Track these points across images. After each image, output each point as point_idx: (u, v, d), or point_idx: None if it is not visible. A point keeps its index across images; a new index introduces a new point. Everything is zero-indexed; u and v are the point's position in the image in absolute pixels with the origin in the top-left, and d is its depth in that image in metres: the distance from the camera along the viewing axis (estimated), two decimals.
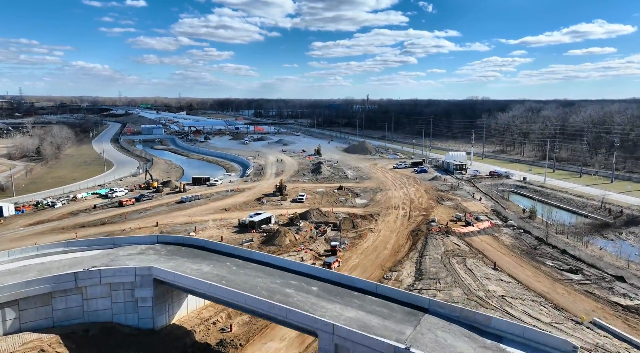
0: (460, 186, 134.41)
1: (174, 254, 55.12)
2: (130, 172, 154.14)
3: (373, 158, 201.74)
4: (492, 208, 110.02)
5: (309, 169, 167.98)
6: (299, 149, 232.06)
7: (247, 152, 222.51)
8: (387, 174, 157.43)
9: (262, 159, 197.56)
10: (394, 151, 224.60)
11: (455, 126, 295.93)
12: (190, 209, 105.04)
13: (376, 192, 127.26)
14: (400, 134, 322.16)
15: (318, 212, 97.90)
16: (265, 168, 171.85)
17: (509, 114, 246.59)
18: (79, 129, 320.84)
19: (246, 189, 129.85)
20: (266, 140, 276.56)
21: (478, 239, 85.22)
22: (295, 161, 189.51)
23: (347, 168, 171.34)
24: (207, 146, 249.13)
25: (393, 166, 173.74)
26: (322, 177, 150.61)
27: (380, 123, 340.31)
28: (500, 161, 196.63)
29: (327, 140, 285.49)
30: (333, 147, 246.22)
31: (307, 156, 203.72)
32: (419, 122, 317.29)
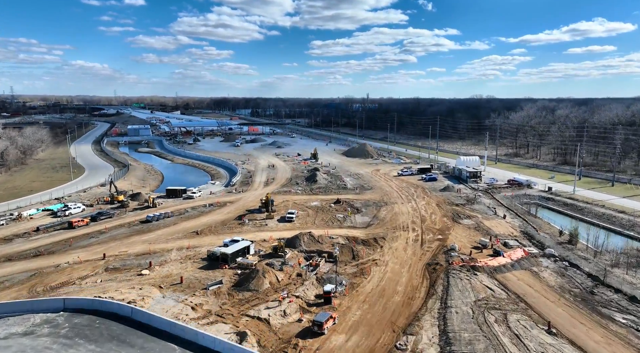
0: (478, 199, 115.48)
1: (78, 335, 36.53)
2: (98, 181, 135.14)
3: (375, 163, 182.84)
4: (520, 228, 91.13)
5: (303, 176, 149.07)
6: (294, 152, 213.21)
7: (237, 156, 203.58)
8: (392, 183, 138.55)
9: (252, 164, 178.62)
10: (397, 155, 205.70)
11: (462, 127, 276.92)
12: (154, 233, 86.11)
13: (380, 206, 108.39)
14: (403, 135, 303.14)
15: (309, 237, 79.02)
16: (255, 175, 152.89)
17: (521, 113, 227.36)
18: (61, 130, 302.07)
19: (228, 204, 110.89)
20: (259, 142, 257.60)
21: (514, 276, 66.34)
22: (289, 167, 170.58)
23: (346, 175, 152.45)
24: (195, 149, 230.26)
25: (398, 172, 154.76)
26: (317, 187, 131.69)
27: (382, 123, 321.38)
28: (515, 166, 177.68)
29: (324, 142, 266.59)
30: (331, 150, 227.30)
31: (302, 161, 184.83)
32: (422, 122, 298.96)
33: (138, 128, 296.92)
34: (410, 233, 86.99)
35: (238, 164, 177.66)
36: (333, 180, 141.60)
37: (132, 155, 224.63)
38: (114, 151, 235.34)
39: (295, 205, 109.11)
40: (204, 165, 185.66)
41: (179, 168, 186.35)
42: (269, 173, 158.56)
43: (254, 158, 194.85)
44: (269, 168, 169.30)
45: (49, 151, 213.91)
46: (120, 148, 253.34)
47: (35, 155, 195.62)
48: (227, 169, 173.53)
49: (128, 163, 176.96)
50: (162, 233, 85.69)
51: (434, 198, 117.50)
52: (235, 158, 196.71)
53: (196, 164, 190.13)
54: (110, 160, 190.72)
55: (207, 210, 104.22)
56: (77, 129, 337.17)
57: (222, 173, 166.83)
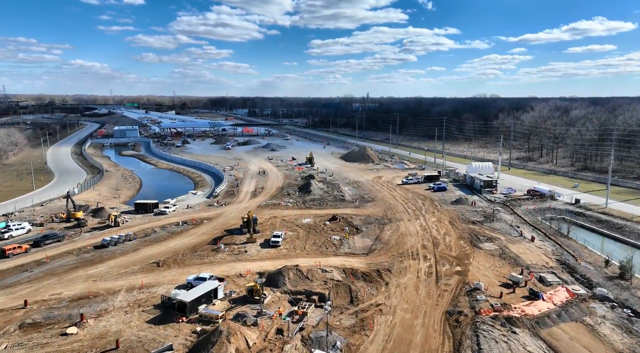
0: (497, 215, 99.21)
1: None
2: (60, 193, 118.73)
3: (376, 168, 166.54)
4: (555, 255, 74.97)
5: (296, 185, 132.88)
6: (288, 156, 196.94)
7: (226, 160, 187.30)
8: (396, 193, 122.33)
9: (241, 170, 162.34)
10: (400, 159, 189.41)
11: (469, 128, 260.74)
12: (105, 263, 69.81)
13: (383, 224, 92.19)
14: (405, 137, 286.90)
15: (296, 273, 62.77)
16: (242, 184, 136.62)
17: (532, 114, 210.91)
18: (42, 132, 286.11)
19: (205, 221, 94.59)
20: (252, 144, 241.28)
21: (564, 333, 50.16)
22: (281, 174, 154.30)
23: (345, 183, 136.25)
24: (183, 152, 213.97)
25: (402, 180, 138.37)
26: (311, 199, 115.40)
27: (383, 124, 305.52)
28: (530, 172, 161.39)
29: (322, 144, 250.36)
30: (328, 153, 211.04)
31: (297, 166, 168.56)
32: (426, 123, 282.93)
33: (125, 129, 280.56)
34: (422, 263, 70.76)
35: (226, 169, 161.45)
36: (329, 190, 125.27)
37: (115, 159, 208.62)
38: (95, 154, 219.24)
39: (284, 223, 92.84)
40: (189, 171, 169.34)
41: (162, 174, 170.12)
42: (259, 180, 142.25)
43: (244, 163, 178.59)
44: (259, 174, 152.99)
45: (23, 154, 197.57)
46: (104, 150, 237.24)
47: (6, 159, 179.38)
48: (213, 175, 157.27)
49: (103, 168, 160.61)
50: (115, 264, 69.38)
51: (446, 213, 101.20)
52: (224, 162, 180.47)
53: (181, 169, 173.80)
54: (87, 165, 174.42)
55: (178, 230, 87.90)
56: (64, 129, 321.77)
57: (206, 181, 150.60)
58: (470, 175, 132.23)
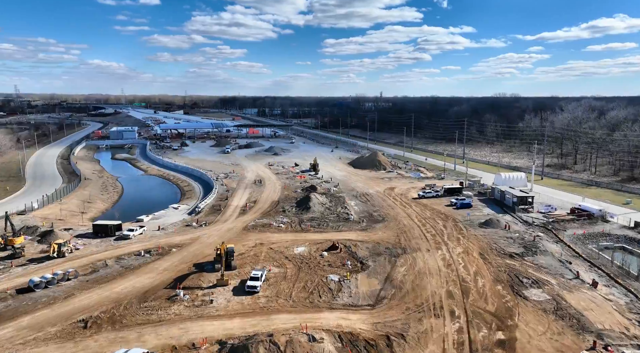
0: (538, 243, 79.07)
1: None
2: (17, 207, 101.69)
3: (388, 177, 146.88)
4: (633, 311, 54.83)
5: (295, 198, 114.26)
6: (291, 161, 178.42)
7: (223, 166, 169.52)
8: (411, 210, 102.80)
9: (236, 177, 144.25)
10: (416, 166, 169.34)
11: (490, 130, 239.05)
12: (17, 321, 51.70)
13: (396, 256, 72.95)
14: (421, 139, 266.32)
15: (269, 348, 43.92)
16: (233, 196, 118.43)
17: (565, 115, 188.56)
18: (40, 132, 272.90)
19: (174, 250, 76.32)
20: (255, 147, 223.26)
21: None
22: (280, 183, 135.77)
23: (351, 196, 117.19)
24: (178, 156, 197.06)
25: (418, 193, 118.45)
26: (309, 217, 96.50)
27: (396, 125, 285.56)
28: (566, 182, 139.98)
29: (330, 147, 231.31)
30: (336, 158, 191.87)
31: (299, 174, 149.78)
32: (443, 124, 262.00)
33: (122, 131, 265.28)
34: (448, 325, 51.36)
35: (219, 177, 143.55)
36: (332, 206, 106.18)
37: (105, 163, 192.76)
38: (85, 157, 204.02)
39: (271, 254, 74.14)
40: (179, 178, 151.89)
41: (148, 182, 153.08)
42: (253, 192, 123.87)
43: (241, 169, 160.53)
44: (255, 184, 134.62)
45: (4, 159, 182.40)
46: (98, 153, 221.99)
47: None
48: (204, 184, 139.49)
49: (82, 175, 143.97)
50: (28, 322, 51.41)
51: (474, 240, 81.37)
52: (220, 168, 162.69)
53: (171, 176, 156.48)
54: (68, 171, 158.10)
55: (136, 264, 69.74)
56: (64, 129, 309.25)
57: (195, 190, 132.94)
58: (500, 188, 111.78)
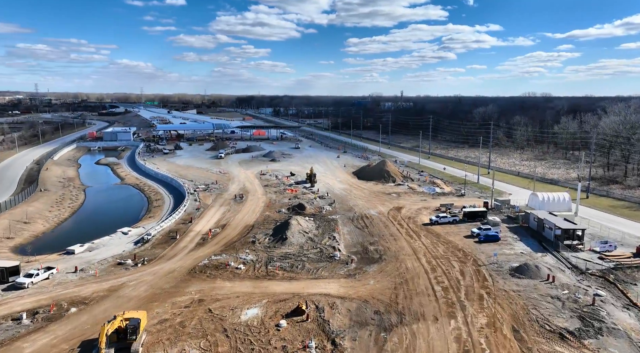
0: (601, 309, 53.97)
1: None
2: None
3: (396, 192, 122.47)
4: None
5: (274, 222, 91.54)
6: (288, 169, 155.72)
7: (209, 174, 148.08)
8: (419, 243, 78.68)
9: (216, 190, 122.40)
10: (431, 177, 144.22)
11: (520, 134, 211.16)
12: None
13: (387, 330, 49.28)
14: (441, 143, 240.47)
15: None
16: (201, 217, 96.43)
17: (613, 118, 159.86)
18: (41, 130, 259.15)
19: (73, 311, 54.36)
20: (253, 152, 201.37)
21: None
22: (264, 199, 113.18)
23: (346, 219, 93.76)
24: (166, 161, 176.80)
25: (431, 218, 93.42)
26: (282, 253, 73.47)
27: (415, 127, 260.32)
28: (619, 203, 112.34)
29: (337, 152, 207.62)
30: (341, 165, 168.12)
31: (290, 187, 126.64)
32: (466, 126, 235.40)
33: (116, 132, 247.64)
34: None
35: (197, 190, 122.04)
36: (318, 235, 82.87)
37: (84, 169, 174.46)
38: (69, 160, 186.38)
39: (206, 321, 51.32)
40: (154, 189, 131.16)
41: (119, 193, 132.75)
42: (227, 211, 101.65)
43: (226, 179, 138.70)
44: (235, 199, 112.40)
45: None
46: (83, 157, 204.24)
47: None
48: (179, 197, 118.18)
49: (41, 184, 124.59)
50: None
51: (504, 300, 56.76)
52: (204, 177, 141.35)
53: (146, 186, 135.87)
54: (32, 178, 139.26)
55: (6, 339, 48.01)
56: (61, 129, 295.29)
57: (165, 206, 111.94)
58: (537, 215, 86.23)
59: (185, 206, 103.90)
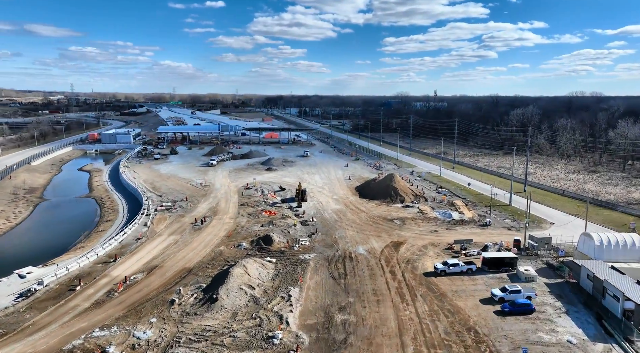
0: None
1: None
2: None
3: (401, 217, 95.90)
4: None
5: (222, 263, 68.01)
6: (282, 181, 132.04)
7: (187, 186, 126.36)
8: (411, 310, 53.00)
9: (182, 208, 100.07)
10: (450, 195, 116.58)
11: (566, 140, 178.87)
12: None
13: None
14: (472, 149, 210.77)
15: None
16: (131, 254, 74.11)
17: None
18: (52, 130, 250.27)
19: None
20: (253, 158, 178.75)
21: None
22: (230, 225, 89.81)
23: (322, 261, 69.14)
24: (152, 168, 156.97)
25: (436, 266, 66.57)
26: (200, 328, 49.30)
27: (444, 130, 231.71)
28: None
29: (349, 159, 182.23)
30: (347, 176, 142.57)
31: (269, 209, 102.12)
32: (501, 130, 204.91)
33: (115, 134, 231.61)
34: None
35: (159, 209, 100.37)
36: (267, 294, 58.54)
37: (62, 175, 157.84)
38: (51, 165, 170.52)
39: None
40: (115, 204, 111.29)
41: (76, 208, 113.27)
42: (174, 243, 78.95)
43: (201, 194, 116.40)
44: (194, 224, 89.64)
45: None
46: (70, 162, 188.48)
47: None
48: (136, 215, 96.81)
49: None
50: None
51: None
52: (179, 190, 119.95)
53: (110, 200, 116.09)
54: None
55: None
56: (74, 129, 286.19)
57: (114, 227, 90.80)
58: (593, 270, 58.28)
59: (124, 235, 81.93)
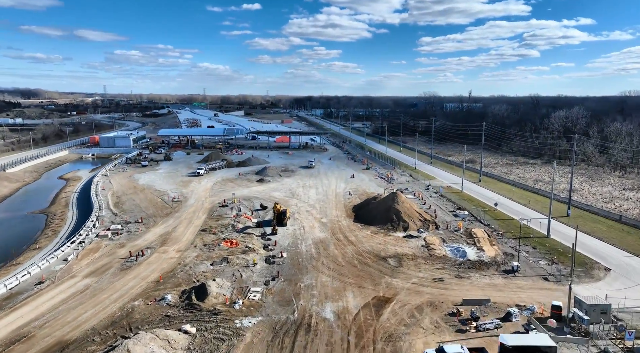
0: None
1: None
2: None
3: (399, 254, 72.26)
4: None
5: (119, 333, 47.21)
6: (271, 196, 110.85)
7: (158, 201, 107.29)
8: None
9: (122, 237, 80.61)
10: (470, 220, 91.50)
11: (622, 148, 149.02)
12: None
13: None
14: (505, 155, 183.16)
15: None
16: (14, 308, 54.73)
17: None
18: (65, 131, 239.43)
19: None
20: (248, 166, 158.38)
21: None
22: (170, 263, 69.26)
23: (267, 329, 47.13)
24: (132, 177, 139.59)
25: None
26: None
27: (474, 133, 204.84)
28: None
29: (359, 166, 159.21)
30: (348, 190, 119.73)
31: (230, 239, 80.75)
32: (540, 136, 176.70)
33: (113, 137, 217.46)
34: None
35: (105, 233, 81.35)
36: None
37: (34, 185, 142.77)
38: (33, 171, 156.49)
39: None
40: (65, 223, 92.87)
41: (24, 225, 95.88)
42: (78, 293, 59.14)
43: (164, 215, 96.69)
44: (127, 260, 69.68)
45: None
46: (58, 168, 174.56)
47: None
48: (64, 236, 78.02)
49: None
50: None
51: None
52: (145, 206, 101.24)
53: (60, 218, 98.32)
54: None
55: None
56: (83, 131, 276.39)
57: (39, 257, 71.97)
58: None
59: (23, 276, 62.85)
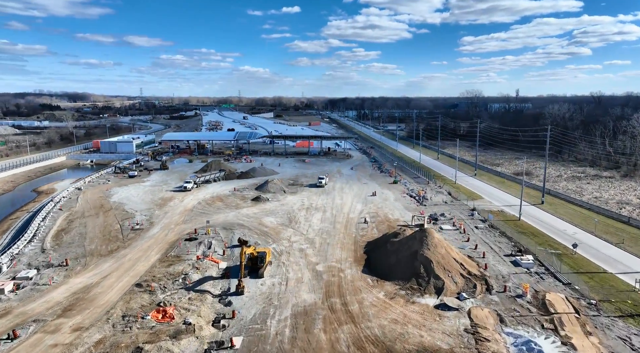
0: None
1: None
2: None
3: (431, 348, 43.08)
4: None
5: None
6: (257, 223, 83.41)
7: (112, 230, 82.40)
8: None
9: (10, 300, 55.50)
10: (543, 275, 60.24)
11: None
12: None
13: None
14: (569, 166, 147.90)
15: None
16: None
17: None
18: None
19: None
20: (251, 178, 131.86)
21: None
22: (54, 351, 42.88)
23: None
24: (110, 191, 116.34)
25: None
26: None
27: (528, 138, 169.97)
28: None
29: (386, 178, 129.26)
30: (365, 213, 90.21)
31: (163, 307, 53.89)
32: (611, 139, 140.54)
33: (116, 142, 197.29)
34: None
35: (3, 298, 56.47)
36: None
37: (12, 195, 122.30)
38: (17, 180, 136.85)
39: None
40: None
41: None
42: None
43: (108, 250, 71.32)
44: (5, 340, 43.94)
45: None
46: (46, 176, 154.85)
47: None
48: None
49: None
50: None
51: None
52: (92, 237, 76.66)
53: None
54: None
55: None
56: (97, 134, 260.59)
57: None
58: None
59: None
